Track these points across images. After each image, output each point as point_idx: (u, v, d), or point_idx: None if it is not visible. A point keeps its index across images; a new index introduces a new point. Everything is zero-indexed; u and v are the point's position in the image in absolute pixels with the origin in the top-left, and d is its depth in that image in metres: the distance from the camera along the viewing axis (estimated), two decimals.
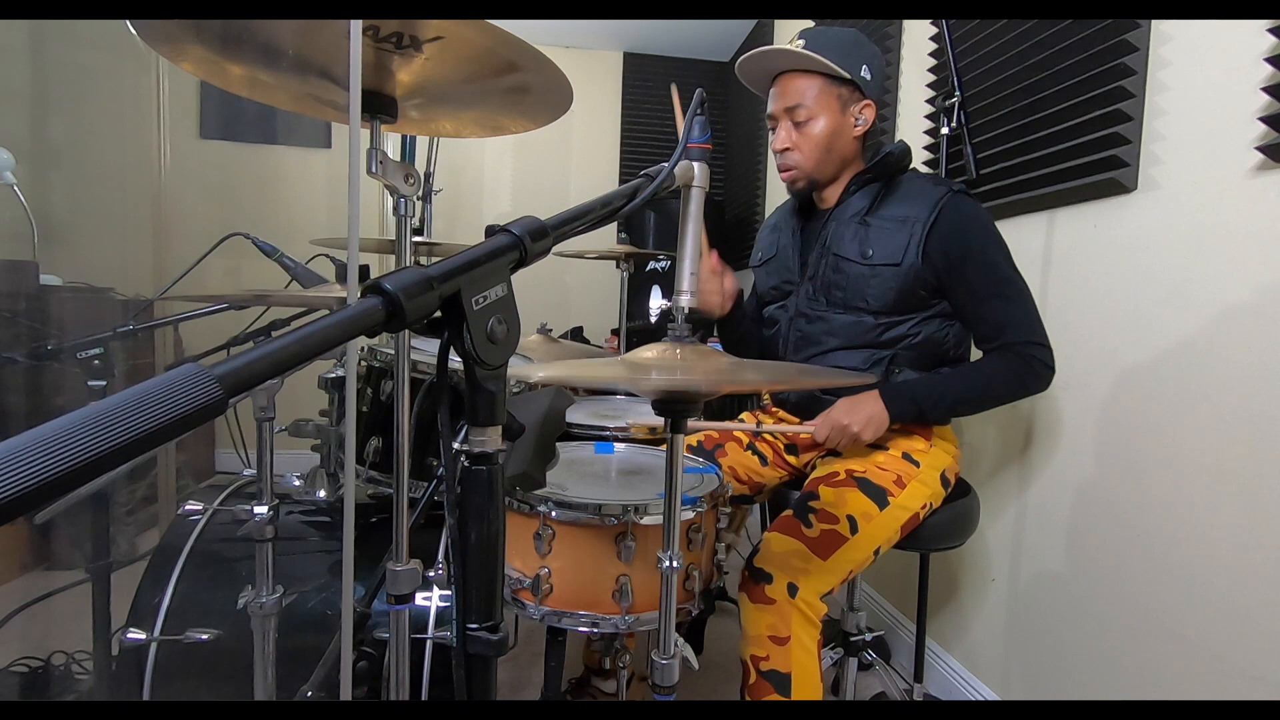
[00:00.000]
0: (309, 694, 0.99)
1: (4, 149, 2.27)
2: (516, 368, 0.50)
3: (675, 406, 0.87)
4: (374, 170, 0.79)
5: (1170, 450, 1.21)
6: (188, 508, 1.40)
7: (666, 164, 0.65)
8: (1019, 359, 1.24)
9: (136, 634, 1.22)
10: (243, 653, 1.14)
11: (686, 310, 0.84)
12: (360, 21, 0.53)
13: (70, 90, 2.59)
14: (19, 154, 2.25)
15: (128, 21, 0.66)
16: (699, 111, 0.70)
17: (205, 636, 1.22)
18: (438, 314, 0.45)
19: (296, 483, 1.62)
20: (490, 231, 0.50)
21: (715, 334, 1.59)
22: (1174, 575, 1.19)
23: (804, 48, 1.28)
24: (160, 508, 2.48)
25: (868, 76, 1.32)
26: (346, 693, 0.68)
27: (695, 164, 0.72)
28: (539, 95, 0.82)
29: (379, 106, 0.80)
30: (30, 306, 2.23)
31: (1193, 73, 1.19)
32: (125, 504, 2.42)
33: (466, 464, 0.47)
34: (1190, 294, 1.18)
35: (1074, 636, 1.41)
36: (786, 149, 1.35)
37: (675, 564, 0.90)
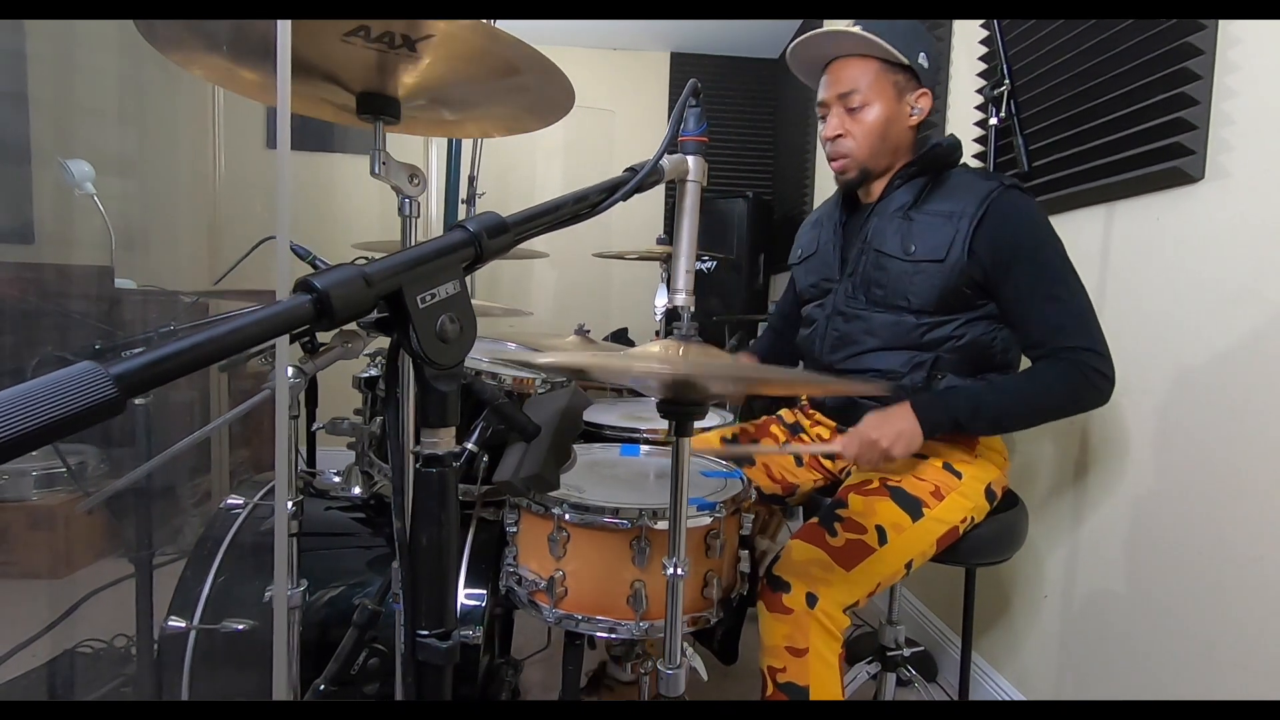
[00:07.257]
0: (321, 687, 1.01)
1: (85, 161, 2.44)
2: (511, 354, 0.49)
3: (679, 408, 0.84)
4: (376, 171, 0.79)
5: (1237, 464, 1.11)
6: (229, 501, 1.45)
7: (651, 158, 0.63)
8: (1072, 368, 1.12)
9: (177, 622, 1.27)
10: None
11: (689, 310, 0.81)
12: (289, 21, 0.53)
13: (139, 104, 2.76)
14: (96, 165, 2.41)
15: (135, 25, 0.68)
16: (693, 103, 0.67)
17: (241, 627, 1.27)
18: (383, 312, 0.44)
19: (335, 479, 1.67)
20: (452, 227, 0.49)
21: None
22: (1239, 600, 1.09)
23: (862, 30, 1.22)
24: (216, 501, 2.62)
25: (925, 64, 1.26)
26: (281, 692, 0.68)
27: (690, 158, 0.69)
28: (539, 93, 0.81)
29: (381, 107, 0.80)
30: (106, 309, 2.39)
31: (1267, 49, 1.09)
32: (191, 497, 2.55)
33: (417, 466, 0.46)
34: (1263, 293, 1.08)
35: (1131, 658, 1.31)
36: (839, 135, 1.28)
37: (681, 571, 0.87)
